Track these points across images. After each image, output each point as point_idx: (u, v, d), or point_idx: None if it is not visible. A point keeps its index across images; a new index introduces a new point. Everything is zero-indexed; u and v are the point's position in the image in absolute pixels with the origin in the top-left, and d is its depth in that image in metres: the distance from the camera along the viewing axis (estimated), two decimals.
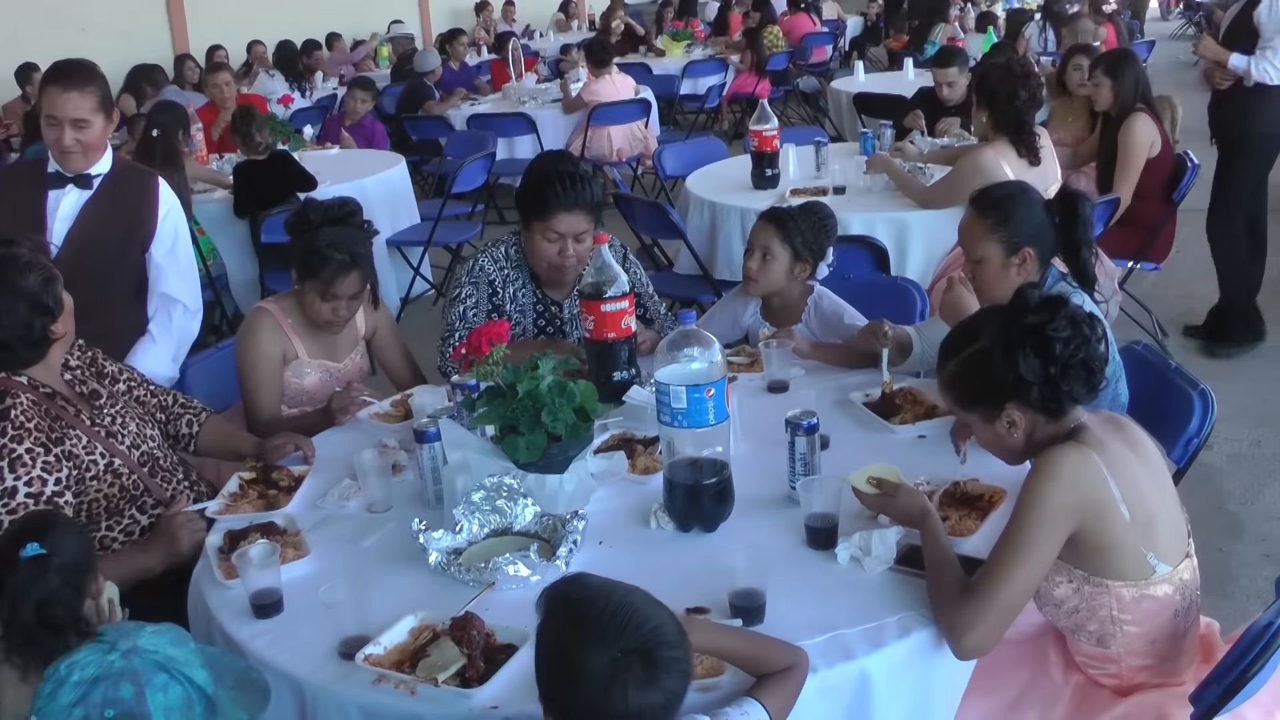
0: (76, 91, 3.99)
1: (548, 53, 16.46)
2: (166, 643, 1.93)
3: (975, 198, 3.48)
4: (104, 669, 1.85)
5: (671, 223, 6.09)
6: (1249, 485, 5.07)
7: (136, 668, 1.86)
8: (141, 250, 4.25)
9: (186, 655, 1.93)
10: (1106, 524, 2.37)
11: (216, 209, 7.28)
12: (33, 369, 3.20)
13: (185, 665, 1.91)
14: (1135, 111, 6.22)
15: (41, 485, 3.05)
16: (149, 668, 1.87)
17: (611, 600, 1.90)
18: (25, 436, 3.05)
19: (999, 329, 2.48)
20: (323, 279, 3.69)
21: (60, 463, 3.10)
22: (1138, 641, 2.47)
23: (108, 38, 12.73)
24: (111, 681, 1.84)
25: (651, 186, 10.52)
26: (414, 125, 10.96)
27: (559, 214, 3.74)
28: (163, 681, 1.87)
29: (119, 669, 1.85)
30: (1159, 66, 15.17)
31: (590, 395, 2.83)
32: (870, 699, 2.30)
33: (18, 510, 3.00)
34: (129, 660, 1.86)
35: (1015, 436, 2.51)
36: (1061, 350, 2.40)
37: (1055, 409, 2.46)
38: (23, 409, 3.09)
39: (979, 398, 2.53)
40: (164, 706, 1.85)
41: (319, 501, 3.10)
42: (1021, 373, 2.41)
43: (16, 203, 4.18)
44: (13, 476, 3.01)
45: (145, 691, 1.84)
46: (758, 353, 3.74)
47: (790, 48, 15.01)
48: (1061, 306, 2.45)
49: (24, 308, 3.09)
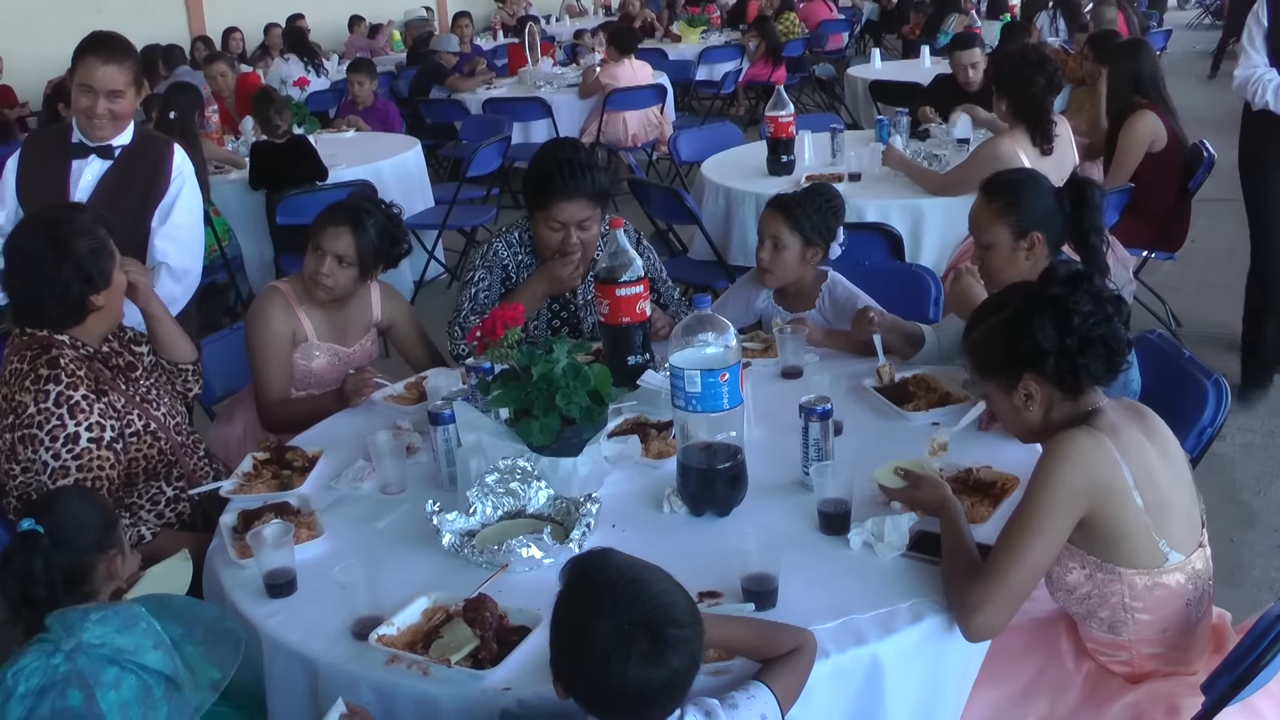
0: (116, 65, 4.03)
1: (562, 37, 16.44)
2: (113, 630, 1.88)
3: (985, 183, 3.49)
4: (49, 676, 1.81)
5: (686, 208, 6.08)
6: (1261, 476, 5.06)
7: (83, 669, 1.81)
8: (152, 216, 4.27)
9: (136, 641, 1.89)
10: (1118, 509, 2.38)
11: (232, 190, 7.30)
12: (74, 331, 3.24)
13: (135, 653, 1.87)
14: (1139, 108, 6.18)
15: (101, 430, 3.13)
16: (96, 665, 1.82)
17: (627, 574, 1.94)
18: (79, 383, 3.12)
19: (1023, 298, 2.51)
20: (317, 225, 3.79)
21: (110, 411, 3.16)
22: (1149, 630, 2.47)
23: (124, 18, 12.70)
24: (59, 690, 1.80)
25: (667, 172, 10.51)
26: (429, 108, 10.95)
27: (559, 203, 3.74)
28: (113, 677, 1.83)
29: (64, 674, 1.81)
30: (1176, 56, 15.12)
31: (605, 379, 2.84)
32: (882, 684, 2.30)
33: (82, 455, 3.09)
34: (74, 662, 1.82)
35: (1032, 411, 2.51)
36: (1080, 324, 2.41)
37: (1072, 384, 2.46)
38: (69, 358, 3.15)
39: (999, 366, 2.55)
40: (118, 704, 1.81)
41: (333, 482, 3.11)
42: (1039, 341, 2.43)
43: (42, 171, 4.21)
44: (74, 422, 3.09)
45: (95, 693, 1.80)
46: (772, 338, 3.74)
47: (807, 34, 14.99)
48: (1085, 282, 2.46)
49: (67, 269, 3.14)
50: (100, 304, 3.24)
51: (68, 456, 3.07)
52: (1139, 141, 6.12)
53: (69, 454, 3.07)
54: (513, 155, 9.19)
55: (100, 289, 3.22)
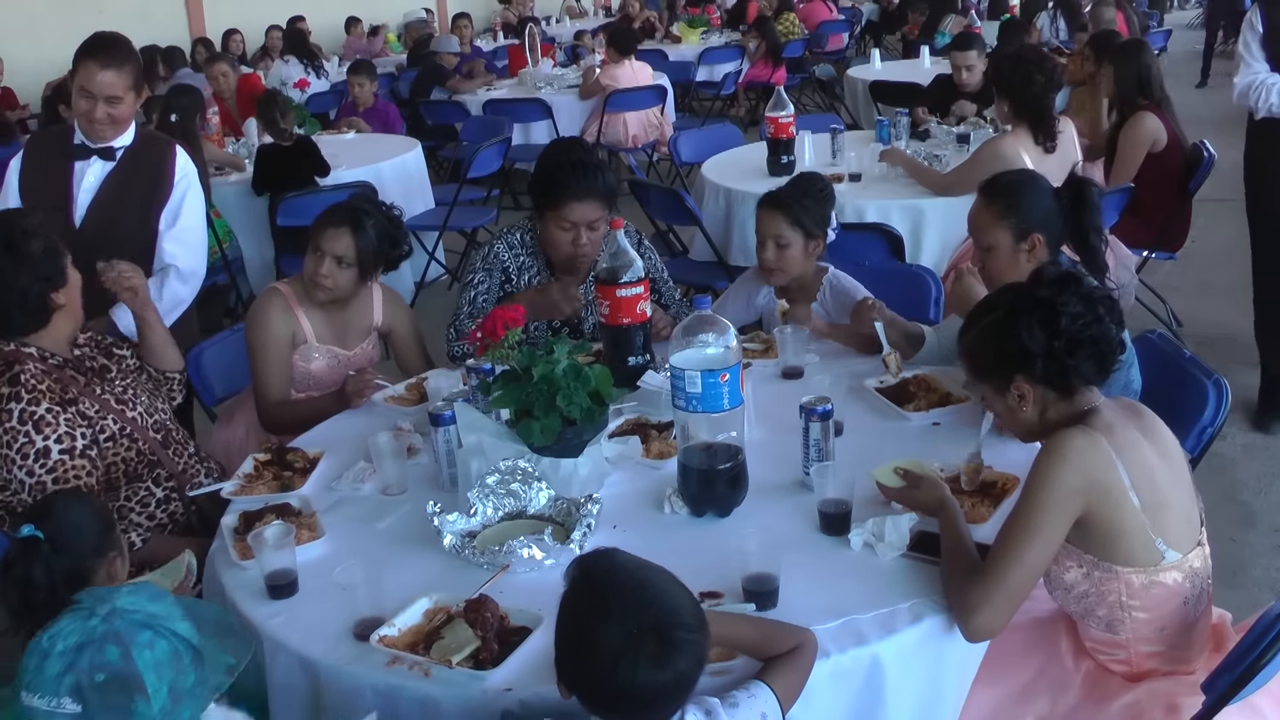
0: (114, 70, 4.01)
1: (563, 38, 16.44)
2: (145, 599, 1.93)
3: (984, 185, 3.49)
4: (87, 635, 1.85)
5: (687, 209, 6.08)
6: (1262, 476, 5.06)
7: (119, 629, 1.86)
8: (158, 218, 4.26)
9: (167, 609, 1.93)
10: (1114, 508, 2.39)
11: (233, 191, 7.30)
12: (39, 339, 3.24)
13: (167, 619, 1.91)
14: (1140, 109, 6.18)
15: (71, 440, 3.13)
16: (131, 627, 1.87)
17: (634, 576, 1.95)
18: (41, 398, 3.11)
19: (1012, 300, 2.53)
20: (317, 226, 3.78)
21: (78, 420, 3.15)
22: (1147, 628, 2.48)
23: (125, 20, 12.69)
24: (96, 646, 1.84)
25: (667, 173, 10.51)
26: (429, 110, 10.95)
27: (571, 203, 3.75)
28: (147, 639, 1.87)
29: (102, 633, 1.85)
30: (1176, 56, 15.13)
31: (605, 380, 2.84)
32: (882, 684, 2.31)
33: (56, 468, 3.09)
34: (110, 623, 1.86)
35: (1026, 411, 2.53)
36: (1068, 325, 2.42)
37: (1062, 384, 2.48)
38: (31, 374, 3.14)
39: (991, 368, 2.57)
40: (153, 663, 1.85)
41: (334, 484, 3.11)
42: (1026, 343, 2.45)
43: (44, 173, 4.21)
44: (41, 438, 3.09)
45: (132, 651, 1.84)
46: (773, 339, 3.74)
47: (807, 35, 14.99)
48: (1074, 283, 2.48)
49: (24, 273, 3.14)
50: (62, 302, 3.24)
51: (42, 472, 3.08)
52: (1140, 142, 6.12)
53: (43, 469, 3.08)
54: (513, 156, 9.20)
55: (59, 286, 3.22)
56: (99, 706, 1.81)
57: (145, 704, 1.84)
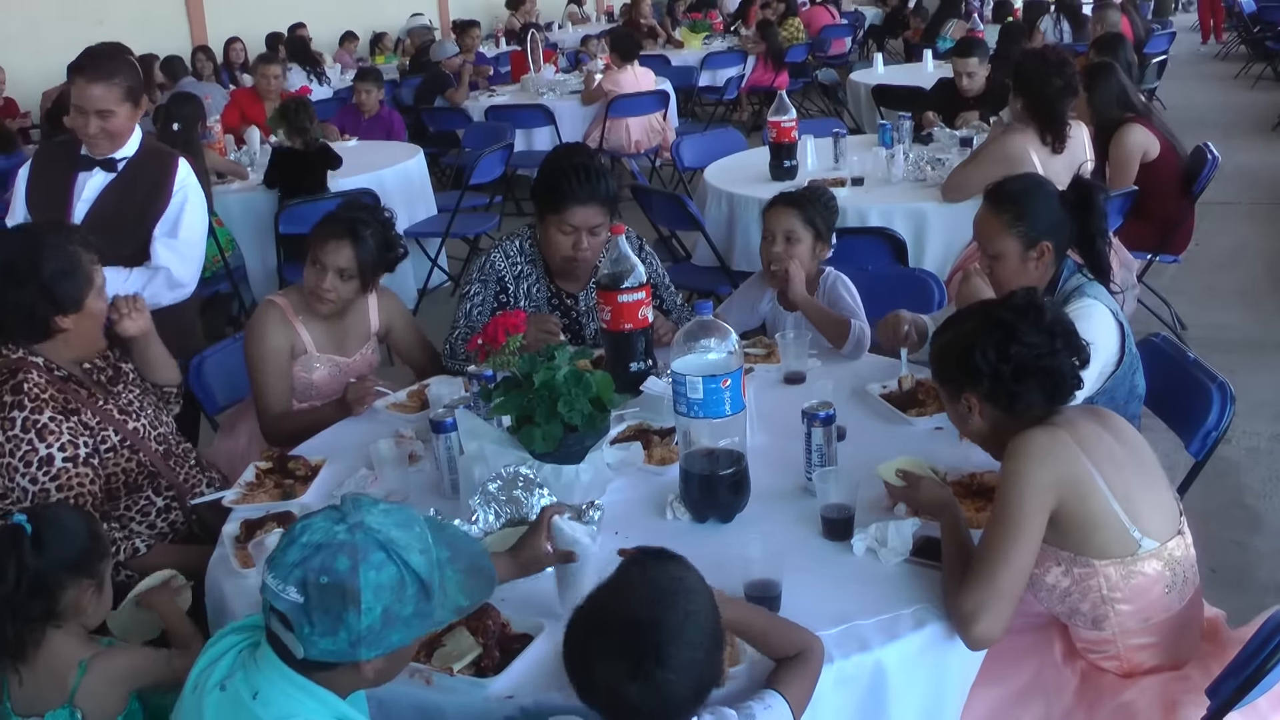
0: (103, 84, 3.99)
1: (565, 44, 16.44)
2: (392, 524, 1.98)
3: (990, 192, 3.47)
4: (328, 537, 1.92)
5: (689, 214, 6.08)
6: (1267, 480, 5.04)
7: (357, 542, 1.92)
8: (153, 229, 4.23)
9: (409, 539, 1.98)
10: (1085, 500, 2.42)
11: (236, 200, 7.28)
12: (45, 350, 3.23)
13: (404, 549, 1.95)
14: (1125, 122, 6.18)
15: (75, 449, 3.13)
16: (369, 545, 1.92)
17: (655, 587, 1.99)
18: (44, 406, 3.11)
19: (981, 317, 2.59)
20: (315, 239, 3.76)
21: (81, 429, 3.15)
22: (1132, 620, 2.49)
23: (126, 29, 12.72)
24: (331, 551, 1.90)
25: (669, 178, 10.51)
26: (432, 117, 10.95)
27: (573, 207, 3.75)
28: (379, 560, 1.92)
29: (341, 541, 1.92)
30: (1179, 57, 15.12)
31: (607, 386, 2.83)
32: (885, 690, 2.30)
33: (59, 476, 3.09)
34: (353, 535, 1.92)
35: (975, 420, 2.60)
36: (1018, 352, 2.48)
37: (1005, 405, 2.53)
38: (34, 383, 3.14)
39: (946, 376, 2.65)
40: (374, 584, 1.91)
41: (335, 491, 3.10)
42: (977, 361, 2.51)
43: (48, 183, 4.21)
44: (44, 445, 3.08)
45: (360, 566, 1.90)
46: (775, 344, 3.74)
47: (809, 40, 15.00)
48: (1036, 313, 2.53)
49: (31, 286, 3.13)
50: (66, 326, 3.21)
51: (45, 479, 3.08)
52: (1130, 154, 6.13)
53: (46, 477, 3.08)
54: (515, 163, 9.19)
55: (67, 312, 3.19)
56: (316, 604, 1.90)
57: (356, 617, 1.90)
